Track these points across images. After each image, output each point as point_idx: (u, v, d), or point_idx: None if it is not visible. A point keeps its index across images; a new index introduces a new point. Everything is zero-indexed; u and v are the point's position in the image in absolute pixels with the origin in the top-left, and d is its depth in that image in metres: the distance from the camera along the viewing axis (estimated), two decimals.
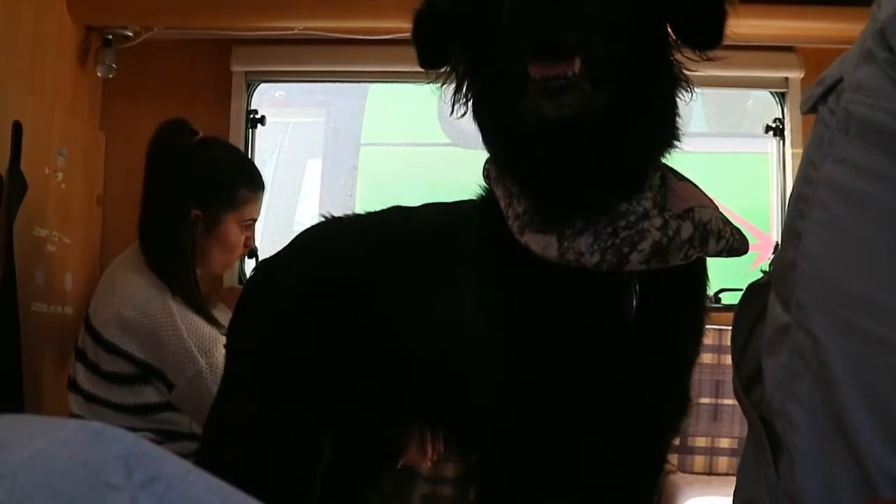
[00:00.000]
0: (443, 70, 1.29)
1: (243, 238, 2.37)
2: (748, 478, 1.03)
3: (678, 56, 1.19)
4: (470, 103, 1.27)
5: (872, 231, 0.88)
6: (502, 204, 1.25)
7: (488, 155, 1.29)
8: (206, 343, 2.16)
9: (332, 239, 1.65)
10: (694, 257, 1.20)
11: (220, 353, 2.08)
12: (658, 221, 1.17)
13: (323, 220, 1.70)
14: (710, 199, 1.27)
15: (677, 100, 1.21)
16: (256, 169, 2.45)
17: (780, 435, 0.94)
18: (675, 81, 1.20)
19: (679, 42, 1.18)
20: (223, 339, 2.12)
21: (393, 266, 1.49)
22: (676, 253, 1.18)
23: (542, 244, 1.18)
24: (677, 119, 1.22)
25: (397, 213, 1.61)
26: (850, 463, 0.87)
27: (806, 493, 0.90)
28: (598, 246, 1.15)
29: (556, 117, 1.09)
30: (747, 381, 1.08)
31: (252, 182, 2.38)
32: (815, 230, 0.93)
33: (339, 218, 1.69)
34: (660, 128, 1.20)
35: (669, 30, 1.18)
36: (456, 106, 1.28)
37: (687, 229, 1.18)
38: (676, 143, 1.23)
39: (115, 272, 2.30)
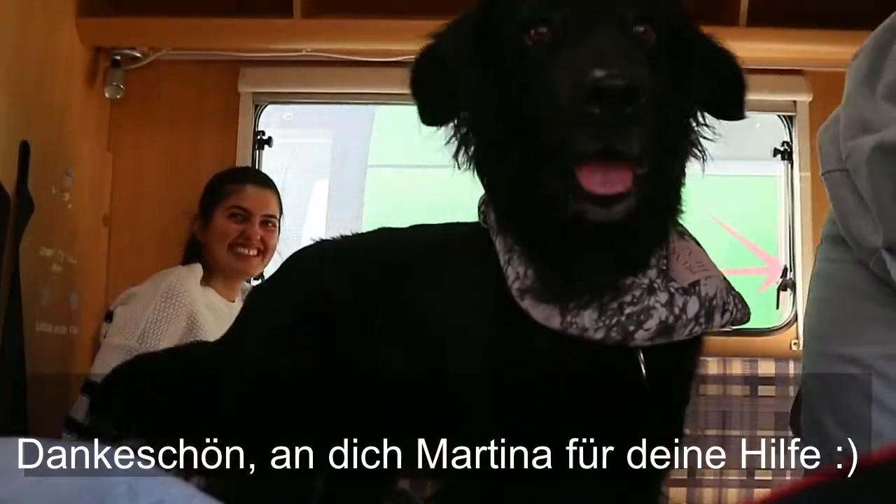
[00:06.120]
0: (443, 128, 1.23)
1: (233, 229, 2.47)
2: None
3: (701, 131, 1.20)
4: (474, 164, 1.22)
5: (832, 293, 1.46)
6: (501, 258, 1.20)
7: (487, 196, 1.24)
8: (151, 332, 2.24)
9: (317, 263, 1.63)
10: (698, 333, 1.19)
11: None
12: (664, 297, 1.15)
13: (311, 242, 1.69)
14: (713, 264, 1.25)
15: (686, 171, 1.21)
16: (246, 167, 2.60)
17: None
18: (694, 157, 1.21)
19: (705, 120, 1.19)
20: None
21: (373, 292, 1.46)
22: (682, 330, 1.16)
23: (543, 314, 1.15)
24: (683, 190, 1.22)
25: (382, 235, 1.59)
26: None
27: None
28: (602, 322, 1.13)
29: (603, 222, 1.06)
30: None
31: (233, 175, 2.54)
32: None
33: (326, 241, 1.68)
34: (671, 204, 1.20)
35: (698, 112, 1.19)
36: (459, 162, 1.23)
37: (693, 306, 1.16)
38: (682, 213, 1.23)
39: None
